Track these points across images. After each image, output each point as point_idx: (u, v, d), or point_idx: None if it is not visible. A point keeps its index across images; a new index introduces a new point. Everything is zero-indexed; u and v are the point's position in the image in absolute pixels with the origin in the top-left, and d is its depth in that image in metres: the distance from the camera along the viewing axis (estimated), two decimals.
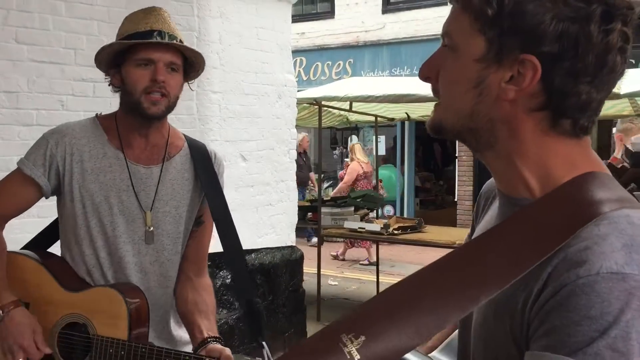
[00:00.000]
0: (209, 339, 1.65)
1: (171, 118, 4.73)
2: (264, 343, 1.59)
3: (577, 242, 0.71)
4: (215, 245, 4.55)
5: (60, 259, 1.82)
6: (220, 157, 1.89)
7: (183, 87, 1.78)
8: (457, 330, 1.01)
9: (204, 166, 1.81)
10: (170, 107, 1.71)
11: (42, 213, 1.91)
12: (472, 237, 0.94)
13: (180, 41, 1.70)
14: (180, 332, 1.85)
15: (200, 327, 1.69)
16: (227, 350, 1.61)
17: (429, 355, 1.07)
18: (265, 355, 1.50)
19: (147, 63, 1.66)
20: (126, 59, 1.68)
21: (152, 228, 1.74)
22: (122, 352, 1.59)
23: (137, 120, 1.72)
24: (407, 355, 0.95)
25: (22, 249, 1.89)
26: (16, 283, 1.75)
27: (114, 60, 1.71)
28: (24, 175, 1.72)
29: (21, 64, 3.52)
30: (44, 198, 1.79)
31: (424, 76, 0.87)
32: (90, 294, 1.70)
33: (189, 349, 1.75)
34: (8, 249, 1.78)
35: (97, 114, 1.82)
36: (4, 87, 3.48)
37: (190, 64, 1.76)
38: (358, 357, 0.70)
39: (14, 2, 3.48)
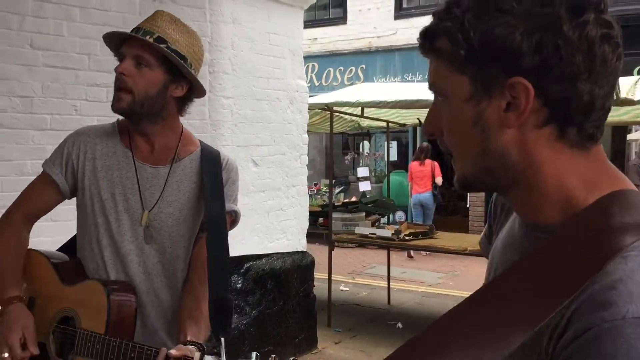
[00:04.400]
0: (188, 342, 1.60)
1: (184, 123, 4.74)
2: (222, 339, 1.56)
3: (603, 279, 0.68)
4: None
5: (75, 257, 1.85)
6: (233, 163, 1.88)
7: (177, 90, 1.74)
8: None
9: (211, 171, 1.80)
10: (138, 104, 1.68)
11: (55, 216, 1.93)
12: (496, 270, 0.92)
13: (160, 38, 1.66)
14: None
15: (185, 332, 1.66)
16: (194, 353, 1.53)
17: None
18: (222, 354, 1.47)
19: (120, 58, 1.71)
20: None
21: (150, 227, 1.75)
22: (98, 346, 1.59)
23: (122, 117, 1.77)
24: None
25: (57, 250, 1.93)
26: (28, 279, 1.81)
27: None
28: (45, 174, 1.80)
29: (36, 69, 3.56)
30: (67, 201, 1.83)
31: (430, 134, 0.85)
32: (79, 288, 1.72)
33: None
34: None
35: (117, 119, 1.85)
36: (19, 92, 3.51)
37: (175, 65, 1.71)
38: None
39: (29, 8, 3.52)
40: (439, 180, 9.78)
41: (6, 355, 1.64)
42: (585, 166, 0.78)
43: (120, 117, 1.82)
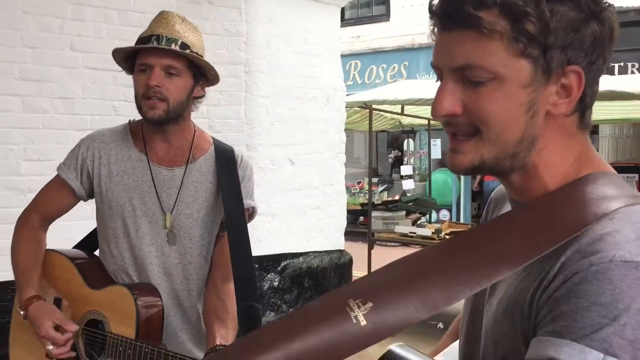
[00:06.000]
0: (218, 347, 1.63)
1: (220, 122, 4.79)
2: None
3: (591, 234, 0.70)
4: (261, 248, 4.58)
5: (95, 258, 1.88)
6: (248, 160, 1.88)
7: (199, 90, 1.77)
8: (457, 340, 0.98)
9: (227, 170, 1.80)
10: (172, 112, 1.69)
11: (67, 216, 1.96)
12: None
13: (183, 44, 1.69)
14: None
15: (214, 334, 1.68)
16: None
17: (434, 358, 1.04)
18: None
19: (145, 68, 1.68)
20: (134, 64, 1.72)
21: (173, 229, 1.76)
22: (129, 351, 1.61)
23: (151, 124, 1.75)
24: (411, 357, 0.93)
25: (73, 247, 1.96)
26: (51, 279, 1.84)
27: (131, 66, 1.75)
28: (60, 178, 1.81)
29: (76, 71, 3.66)
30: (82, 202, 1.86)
31: (446, 114, 0.77)
32: (107, 292, 1.74)
33: None
34: None
35: (129, 120, 1.86)
36: (60, 94, 3.62)
37: (200, 67, 1.74)
38: (364, 322, 0.69)
39: (69, 12, 3.62)
40: None
41: (50, 347, 1.69)
42: (582, 149, 0.81)
43: (133, 118, 1.84)
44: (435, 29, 0.78)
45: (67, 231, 2.03)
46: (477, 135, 0.77)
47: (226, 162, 1.81)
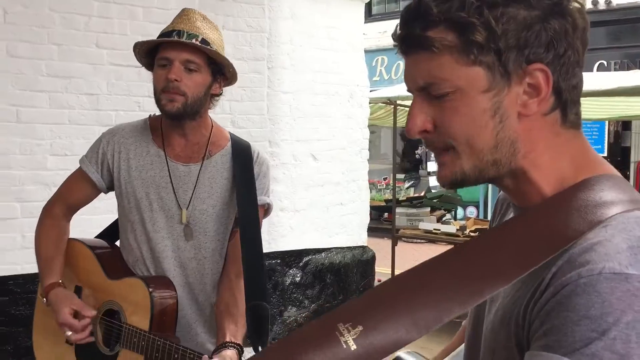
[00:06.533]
0: (227, 344, 1.64)
1: (242, 118, 4.80)
2: (259, 349, 1.58)
3: (583, 243, 0.69)
4: (283, 244, 4.59)
5: (116, 248, 1.93)
6: (264, 156, 1.90)
7: (216, 87, 1.79)
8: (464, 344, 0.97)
9: (243, 166, 1.82)
10: (190, 106, 1.72)
11: (91, 210, 2.01)
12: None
13: (204, 40, 1.71)
14: None
15: (224, 331, 1.69)
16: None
17: None
18: None
19: (165, 63, 1.70)
20: (154, 60, 1.75)
21: (189, 225, 1.79)
22: (143, 343, 1.65)
23: (170, 120, 1.77)
24: None
25: (96, 237, 2.02)
26: (72, 268, 1.90)
27: (151, 62, 1.77)
28: (82, 171, 1.86)
29: (101, 68, 3.72)
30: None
31: (419, 130, 0.79)
32: (123, 283, 1.78)
33: None
34: None
35: (150, 115, 1.89)
36: (86, 90, 3.69)
37: (218, 65, 1.76)
38: (354, 347, 0.69)
39: (95, 9, 3.68)
40: None
41: (69, 333, 1.74)
42: (576, 150, 0.80)
43: (153, 113, 1.86)
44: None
45: (91, 226, 2.08)
46: (450, 149, 0.78)
47: (242, 159, 1.83)
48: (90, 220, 2.26)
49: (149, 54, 1.77)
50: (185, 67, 1.69)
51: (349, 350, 0.69)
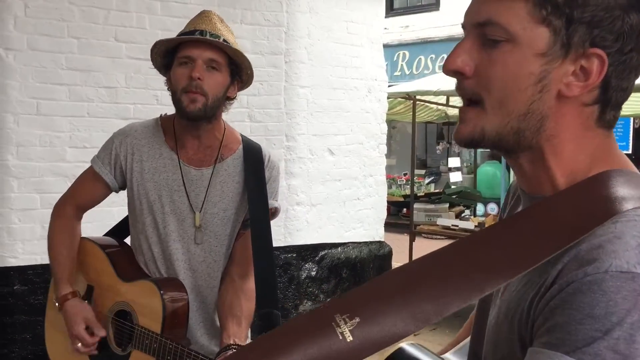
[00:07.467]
0: (231, 346, 1.64)
1: (259, 112, 4.81)
2: None
3: (591, 240, 0.67)
4: (299, 238, 4.59)
5: (127, 247, 1.93)
6: (275, 160, 1.88)
7: (232, 90, 1.78)
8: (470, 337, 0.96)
9: (254, 169, 1.81)
10: (210, 107, 1.70)
11: (108, 202, 2.02)
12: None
13: (225, 41, 1.69)
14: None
15: (228, 332, 1.68)
16: None
17: (442, 356, 1.03)
18: None
19: (187, 61, 1.68)
20: (173, 60, 1.72)
21: (201, 228, 1.78)
22: (155, 345, 1.65)
23: (185, 121, 1.75)
24: (420, 355, 0.92)
25: (104, 235, 2.03)
26: (84, 267, 1.91)
27: (167, 63, 1.76)
28: (94, 171, 1.85)
29: (120, 61, 3.76)
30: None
31: (456, 69, 0.76)
32: (136, 285, 1.78)
33: None
34: None
35: (161, 115, 1.89)
36: (105, 83, 3.73)
37: (237, 66, 1.75)
38: (350, 338, 0.68)
39: (114, 3, 3.72)
40: None
41: (79, 345, 1.76)
42: (601, 149, 0.77)
43: (165, 113, 1.86)
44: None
45: (111, 217, 2.10)
46: (479, 104, 0.75)
47: (253, 162, 1.82)
48: (111, 212, 2.30)
49: (167, 54, 1.75)
50: (208, 65, 1.68)
51: (345, 341, 0.67)
